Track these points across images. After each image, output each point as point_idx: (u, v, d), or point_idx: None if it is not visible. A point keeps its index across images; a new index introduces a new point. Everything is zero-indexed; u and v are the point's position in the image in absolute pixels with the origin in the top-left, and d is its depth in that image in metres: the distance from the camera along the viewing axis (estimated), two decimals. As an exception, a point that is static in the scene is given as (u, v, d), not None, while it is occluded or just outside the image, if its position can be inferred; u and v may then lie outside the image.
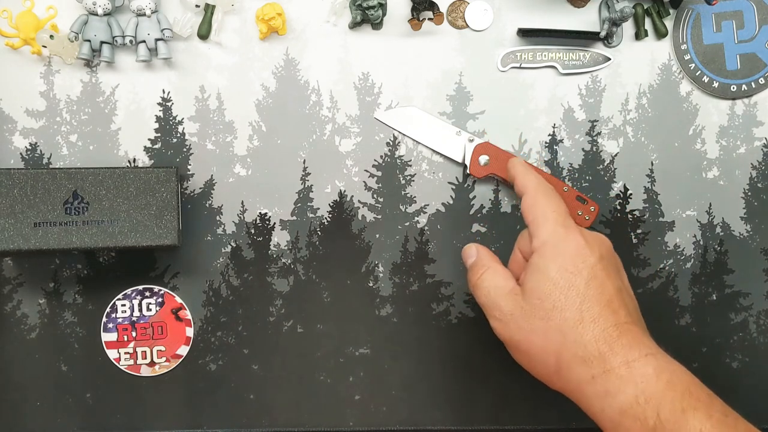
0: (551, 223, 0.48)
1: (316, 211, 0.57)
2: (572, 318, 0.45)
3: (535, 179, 0.51)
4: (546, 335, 0.45)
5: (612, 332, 0.44)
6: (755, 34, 0.58)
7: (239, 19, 0.56)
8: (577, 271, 0.46)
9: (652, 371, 0.43)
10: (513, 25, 0.57)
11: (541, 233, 0.48)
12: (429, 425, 0.58)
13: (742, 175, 0.59)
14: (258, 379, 0.57)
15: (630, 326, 0.45)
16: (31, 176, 0.50)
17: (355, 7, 0.55)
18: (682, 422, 0.41)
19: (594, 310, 0.45)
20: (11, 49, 0.54)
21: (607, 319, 0.45)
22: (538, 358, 0.46)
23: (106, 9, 0.53)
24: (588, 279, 0.46)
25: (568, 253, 0.47)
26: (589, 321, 0.44)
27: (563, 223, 0.48)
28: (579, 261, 0.46)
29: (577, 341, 0.44)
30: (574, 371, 0.44)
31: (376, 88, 0.57)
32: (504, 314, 0.47)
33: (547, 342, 0.45)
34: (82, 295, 0.56)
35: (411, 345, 0.58)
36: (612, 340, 0.44)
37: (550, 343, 0.45)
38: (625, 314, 0.45)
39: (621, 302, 0.46)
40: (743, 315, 0.59)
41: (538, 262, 0.47)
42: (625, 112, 0.58)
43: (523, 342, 0.47)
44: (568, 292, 0.45)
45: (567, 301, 0.45)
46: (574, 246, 0.47)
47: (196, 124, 0.57)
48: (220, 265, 0.57)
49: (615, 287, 0.46)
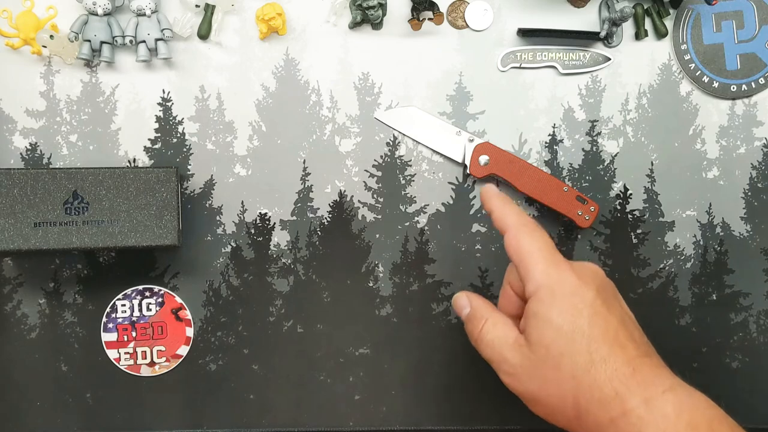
0: (541, 265, 0.46)
1: (316, 211, 0.57)
2: (583, 361, 0.43)
3: (514, 215, 0.48)
4: (560, 384, 0.44)
5: (625, 370, 0.43)
6: (755, 34, 0.58)
7: (239, 19, 0.56)
8: (577, 312, 0.44)
9: (672, 410, 0.41)
10: (513, 25, 0.57)
11: (533, 277, 0.46)
12: (429, 425, 0.58)
13: (742, 175, 0.59)
14: (258, 379, 0.57)
15: (642, 359, 0.44)
16: (31, 176, 0.50)
17: (355, 7, 0.55)
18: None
19: (602, 350, 0.43)
20: (11, 49, 0.54)
21: (617, 357, 0.43)
22: (557, 407, 0.45)
23: (106, 9, 0.53)
24: (590, 317, 0.44)
25: (565, 295, 0.45)
26: (599, 362, 0.43)
27: (553, 262, 0.46)
28: (577, 301, 0.45)
29: (592, 384, 0.43)
30: (592, 415, 0.43)
31: (376, 88, 0.57)
32: (514, 367, 0.46)
33: (562, 390, 0.44)
34: (82, 295, 0.56)
35: (411, 345, 0.58)
36: (626, 379, 0.42)
37: (566, 391, 0.44)
38: (634, 347, 0.44)
39: (628, 335, 0.45)
40: (743, 315, 0.59)
41: (537, 310, 0.45)
42: (625, 112, 0.58)
43: (538, 394, 0.45)
44: (573, 336, 0.44)
45: (574, 345, 0.44)
46: (569, 286, 0.45)
47: (196, 124, 0.57)
48: (220, 265, 0.57)
49: (618, 319, 0.45)
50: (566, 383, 0.44)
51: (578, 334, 0.44)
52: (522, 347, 0.46)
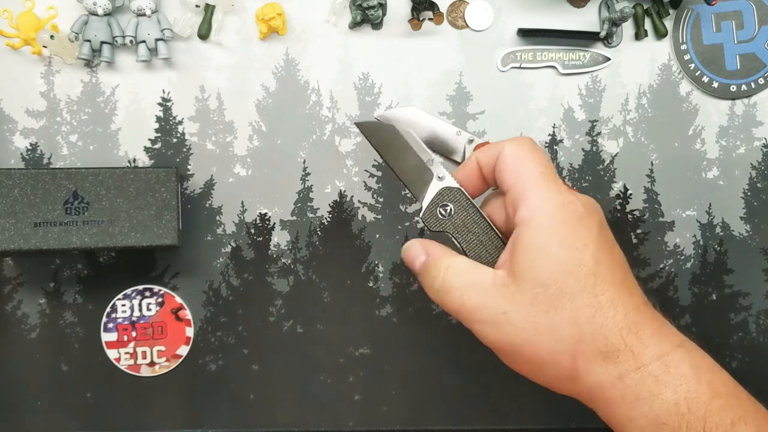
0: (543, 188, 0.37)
1: (316, 211, 0.57)
2: (586, 304, 0.35)
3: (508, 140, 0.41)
4: (555, 331, 0.36)
5: (635, 317, 0.35)
6: (755, 34, 0.58)
7: (239, 19, 0.56)
8: (583, 245, 0.36)
9: (689, 369, 0.35)
10: (513, 25, 0.57)
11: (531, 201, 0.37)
12: (429, 425, 0.58)
13: (742, 175, 0.59)
14: (258, 379, 0.57)
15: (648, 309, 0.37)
16: (32, 176, 0.50)
17: (355, 7, 0.55)
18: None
19: (610, 291, 0.36)
20: (12, 50, 0.54)
21: (625, 302, 0.36)
22: (547, 361, 0.37)
23: (107, 9, 0.53)
24: (596, 253, 0.36)
25: (569, 223, 0.37)
26: (607, 305, 0.35)
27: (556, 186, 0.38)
28: (584, 232, 0.37)
29: (596, 333, 0.35)
30: (594, 372, 0.35)
31: (376, 88, 0.57)
32: (493, 315, 0.37)
33: (557, 339, 0.36)
34: (82, 295, 0.56)
35: (411, 345, 0.58)
36: (637, 327, 0.35)
37: (563, 340, 0.36)
38: (639, 294, 0.38)
39: (633, 279, 0.38)
40: (743, 315, 0.59)
41: (531, 238, 0.37)
42: (625, 112, 0.58)
43: (526, 346, 0.37)
44: (577, 272, 0.36)
45: (577, 283, 0.36)
46: (574, 214, 0.37)
47: (196, 124, 0.57)
48: (220, 265, 0.57)
49: (623, 260, 0.38)
50: (564, 330, 0.36)
51: (583, 271, 0.36)
52: (506, 287, 0.37)
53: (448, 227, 0.45)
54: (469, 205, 0.45)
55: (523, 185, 0.38)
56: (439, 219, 0.45)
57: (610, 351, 0.35)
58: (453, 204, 0.45)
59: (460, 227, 0.45)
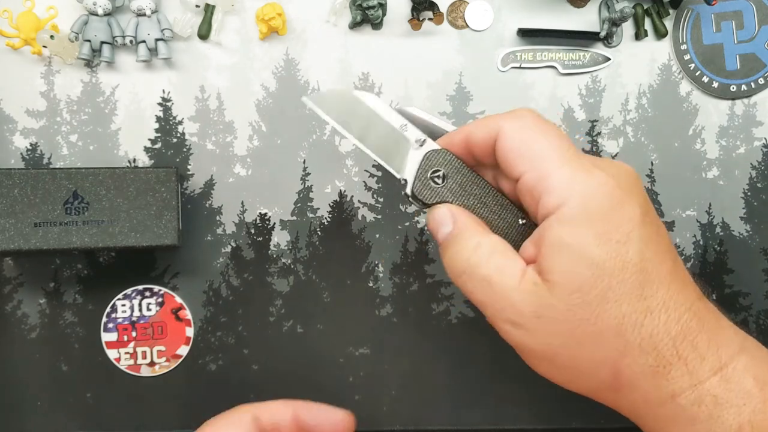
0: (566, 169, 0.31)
1: (316, 211, 0.57)
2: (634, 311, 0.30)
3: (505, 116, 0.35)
4: (597, 343, 0.31)
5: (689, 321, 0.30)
6: (755, 34, 0.58)
7: (239, 19, 0.56)
8: (625, 237, 0.30)
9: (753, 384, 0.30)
10: (513, 25, 0.57)
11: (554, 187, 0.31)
12: (429, 425, 0.58)
13: (742, 175, 0.59)
14: (258, 379, 0.57)
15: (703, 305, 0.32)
16: (32, 176, 0.50)
17: (355, 7, 0.55)
18: None
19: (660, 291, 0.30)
20: (12, 50, 0.54)
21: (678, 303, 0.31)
22: (586, 371, 0.32)
23: (107, 9, 0.53)
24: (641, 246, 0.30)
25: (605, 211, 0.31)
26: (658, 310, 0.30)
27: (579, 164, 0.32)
28: (623, 219, 0.31)
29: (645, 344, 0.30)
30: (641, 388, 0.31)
31: (376, 88, 0.57)
32: (524, 318, 0.32)
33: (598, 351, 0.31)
34: (82, 295, 0.56)
35: (411, 345, 0.58)
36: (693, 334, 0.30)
37: (606, 353, 0.31)
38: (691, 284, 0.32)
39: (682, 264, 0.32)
40: (743, 315, 0.59)
41: (562, 236, 0.31)
42: (625, 112, 0.58)
43: (562, 353, 0.32)
44: (621, 273, 0.30)
45: (622, 286, 0.30)
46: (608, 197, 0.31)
47: (196, 124, 0.57)
48: (220, 265, 0.57)
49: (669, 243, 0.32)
50: (607, 343, 0.31)
51: (628, 270, 0.30)
52: (537, 289, 0.32)
53: (446, 196, 0.39)
54: (461, 165, 0.39)
55: (540, 171, 0.32)
56: (435, 188, 0.39)
57: (660, 365, 0.30)
58: (444, 167, 0.39)
59: (457, 192, 0.39)
